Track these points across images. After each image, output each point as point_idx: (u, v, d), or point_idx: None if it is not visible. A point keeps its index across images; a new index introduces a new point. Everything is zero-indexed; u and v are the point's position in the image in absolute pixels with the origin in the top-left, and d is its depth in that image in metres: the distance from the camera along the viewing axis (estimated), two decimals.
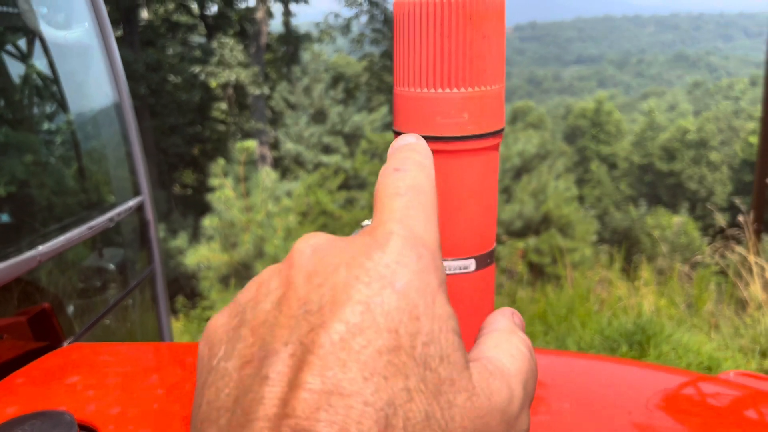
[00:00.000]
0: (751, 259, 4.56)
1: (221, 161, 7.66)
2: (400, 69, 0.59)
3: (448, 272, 0.66)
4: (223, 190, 7.27)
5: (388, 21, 15.59)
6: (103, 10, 1.32)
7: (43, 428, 0.76)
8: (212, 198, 7.68)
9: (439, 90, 0.57)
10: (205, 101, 15.94)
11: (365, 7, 15.27)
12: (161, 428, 0.82)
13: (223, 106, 16.16)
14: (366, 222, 0.74)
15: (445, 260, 0.64)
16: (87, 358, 1.07)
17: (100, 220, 1.15)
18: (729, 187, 33.16)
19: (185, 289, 10.79)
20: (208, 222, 7.47)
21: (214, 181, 7.45)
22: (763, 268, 4.94)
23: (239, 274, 7.87)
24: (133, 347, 1.10)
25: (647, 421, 0.83)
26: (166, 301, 1.48)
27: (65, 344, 1.12)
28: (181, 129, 16.33)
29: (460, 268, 0.66)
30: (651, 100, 44.29)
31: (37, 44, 1.21)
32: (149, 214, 1.41)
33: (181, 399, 0.89)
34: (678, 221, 18.34)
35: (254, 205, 7.44)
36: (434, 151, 0.60)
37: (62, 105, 1.29)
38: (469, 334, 0.68)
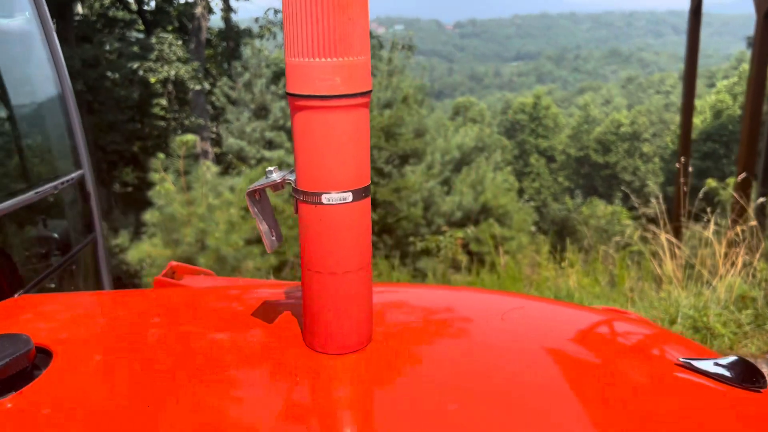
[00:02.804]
0: (663, 237, 4.94)
1: (161, 156, 7.68)
2: (289, 42, 0.82)
3: (329, 203, 0.88)
4: (164, 185, 7.29)
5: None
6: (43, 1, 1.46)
7: (3, 345, 0.92)
8: (153, 193, 7.67)
9: (317, 59, 0.79)
10: (145, 98, 15.69)
11: None
12: (108, 350, 0.99)
13: (163, 102, 15.94)
14: (270, 169, 0.94)
15: (327, 193, 0.85)
16: (37, 304, 1.23)
17: (45, 188, 1.30)
18: (661, 178, 34.72)
19: (128, 288, 10.65)
20: (149, 216, 7.47)
21: (154, 176, 7.46)
22: (678, 247, 5.31)
23: None
24: (78, 295, 1.26)
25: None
26: (108, 265, 1.63)
27: (16, 296, 1.27)
28: (120, 126, 16.03)
29: (340, 200, 0.88)
30: (587, 95, 45.82)
31: None
32: (90, 186, 1.56)
33: (123, 331, 1.06)
34: (611, 210, 19.24)
35: (195, 198, 7.49)
36: (316, 107, 0.82)
37: (6, 87, 1.43)
38: (349, 260, 0.89)
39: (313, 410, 0.82)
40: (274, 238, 0.94)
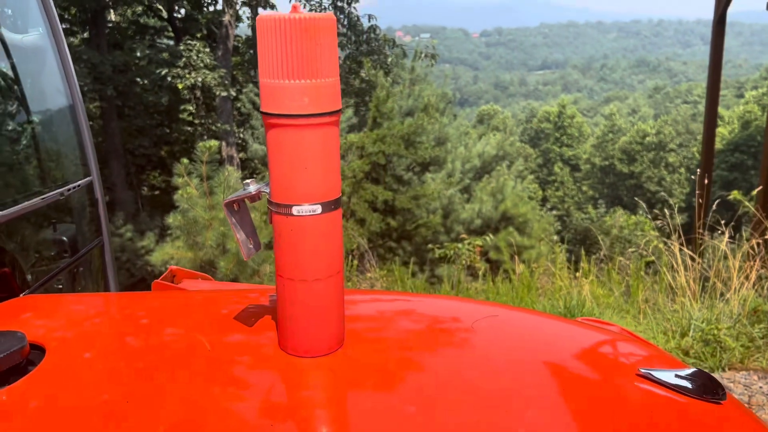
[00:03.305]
0: (676, 249, 4.91)
1: (185, 161, 7.80)
2: (262, 65, 0.88)
3: (299, 214, 0.93)
4: (186, 189, 7.42)
5: (352, 25, 15.85)
6: (55, 14, 1.55)
7: None
8: (176, 197, 7.82)
9: (287, 81, 0.85)
10: (173, 103, 15.98)
11: (330, 11, 15.52)
12: (103, 351, 1.06)
13: (191, 108, 16.21)
14: (247, 182, 1.00)
15: (298, 205, 0.91)
16: (39, 304, 1.31)
17: (51, 194, 1.39)
18: (687, 188, 34.23)
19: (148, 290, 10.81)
20: (171, 219, 7.61)
21: (178, 180, 7.60)
22: (693, 259, 5.26)
23: (204, 271, 7.99)
24: (78, 296, 1.34)
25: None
26: (114, 269, 1.71)
27: (21, 295, 1.35)
28: (148, 131, 16.34)
29: (309, 212, 0.94)
30: (613, 104, 45.38)
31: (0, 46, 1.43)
32: (98, 192, 1.64)
33: (113, 331, 1.13)
34: (635, 221, 19.02)
35: (217, 203, 7.61)
36: (287, 125, 0.88)
37: (22, 98, 1.52)
38: (318, 268, 0.94)
39: (285, 409, 0.88)
40: (251, 246, 1.00)
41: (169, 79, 13.56)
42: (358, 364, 0.98)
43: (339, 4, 15.50)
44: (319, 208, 0.93)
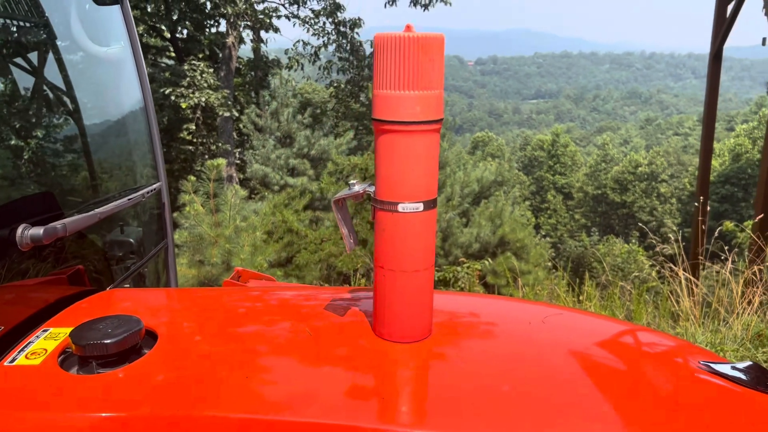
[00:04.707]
0: (681, 274, 5.03)
1: (192, 178, 7.90)
2: (378, 77, 1.00)
3: (404, 211, 1.04)
4: (193, 206, 7.50)
5: (354, 50, 16.09)
6: (135, 29, 1.66)
7: (119, 323, 1.08)
8: (180, 214, 7.89)
9: (402, 92, 0.96)
10: (173, 122, 16.08)
11: (333, 36, 15.79)
12: (211, 336, 1.14)
13: (192, 127, 16.32)
14: (353, 182, 1.11)
15: (403, 203, 1.01)
16: (130, 296, 1.40)
17: (135, 195, 1.49)
18: (678, 219, 34.60)
19: None
20: (177, 236, 7.66)
21: (184, 197, 7.68)
22: (696, 285, 5.37)
23: None
24: (166, 290, 1.43)
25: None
26: (175, 266, 1.81)
27: (108, 289, 1.44)
28: None
29: (413, 209, 1.04)
30: (605, 134, 46.01)
31: (87, 59, 1.54)
32: (165, 197, 1.74)
33: (222, 321, 1.21)
34: (627, 249, 19.25)
35: (222, 221, 7.69)
36: (398, 131, 0.99)
37: (105, 108, 1.62)
38: (416, 260, 1.04)
39: (384, 389, 0.97)
40: (351, 240, 1.10)
41: (172, 98, 13.70)
42: (448, 350, 1.07)
43: (342, 29, 15.77)
44: (421, 206, 1.03)
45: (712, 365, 1.11)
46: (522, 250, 12.33)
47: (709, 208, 6.25)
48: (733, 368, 1.12)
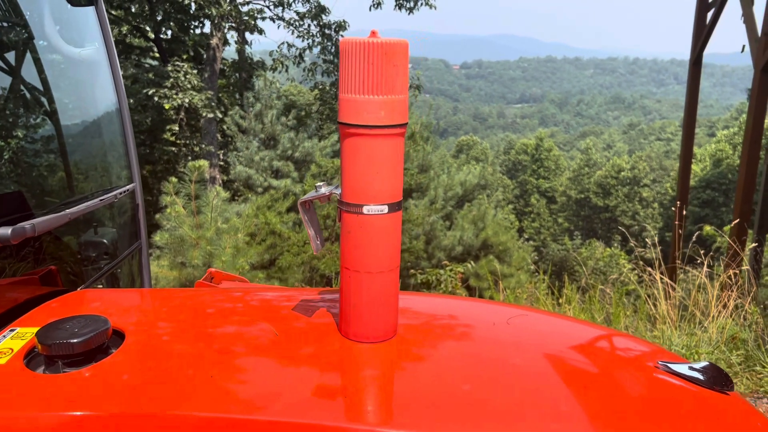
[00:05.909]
0: (658, 277, 5.10)
1: (173, 180, 7.86)
2: (343, 81, 1.02)
3: (369, 213, 1.06)
4: (174, 208, 7.46)
5: (339, 53, 16.06)
6: (109, 31, 1.66)
7: (86, 323, 1.09)
8: (162, 216, 7.85)
9: (366, 96, 0.98)
10: (157, 123, 15.98)
11: (318, 39, 15.80)
12: (178, 335, 1.16)
13: (175, 128, 16.22)
14: (319, 184, 1.13)
15: (368, 205, 1.03)
16: (100, 297, 1.40)
17: (107, 196, 1.49)
18: (660, 223, 34.98)
19: None
20: (158, 238, 7.62)
21: (165, 199, 7.64)
22: (672, 288, 5.44)
23: None
24: (137, 291, 1.43)
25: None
26: (149, 267, 1.81)
27: (79, 289, 1.44)
28: None
29: (378, 211, 1.06)
30: (589, 139, 46.45)
31: (61, 59, 1.54)
32: (138, 198, 1.74)
33: (190, 321, 1.22)
34: (609, 253, 19.44)
35: (204, 222, 7.66)
36: (363, 135, 1.01)
37: (80, 108, 1.62)
38: (381, 262, 1.06)
39: (349, 388, 0.99)
40: (318, 242, 1.12)
41: (155, 99, 13.61)
42: (412, 350, 1.09)
43: (327, 32, 15.78)
44: (386, 208, 1.05)
45: (669, 365, 1.14)
46: (505, 254, 12.41)
47: (686, 213, 6.34)
48: (691, 368, 1.15)
